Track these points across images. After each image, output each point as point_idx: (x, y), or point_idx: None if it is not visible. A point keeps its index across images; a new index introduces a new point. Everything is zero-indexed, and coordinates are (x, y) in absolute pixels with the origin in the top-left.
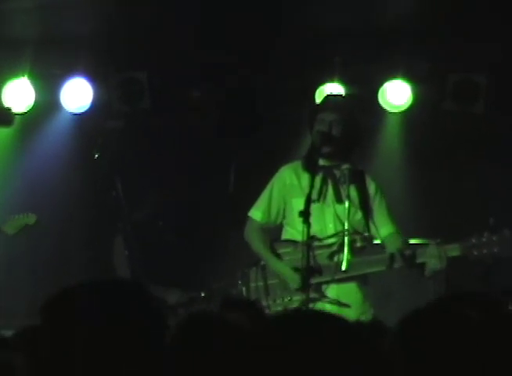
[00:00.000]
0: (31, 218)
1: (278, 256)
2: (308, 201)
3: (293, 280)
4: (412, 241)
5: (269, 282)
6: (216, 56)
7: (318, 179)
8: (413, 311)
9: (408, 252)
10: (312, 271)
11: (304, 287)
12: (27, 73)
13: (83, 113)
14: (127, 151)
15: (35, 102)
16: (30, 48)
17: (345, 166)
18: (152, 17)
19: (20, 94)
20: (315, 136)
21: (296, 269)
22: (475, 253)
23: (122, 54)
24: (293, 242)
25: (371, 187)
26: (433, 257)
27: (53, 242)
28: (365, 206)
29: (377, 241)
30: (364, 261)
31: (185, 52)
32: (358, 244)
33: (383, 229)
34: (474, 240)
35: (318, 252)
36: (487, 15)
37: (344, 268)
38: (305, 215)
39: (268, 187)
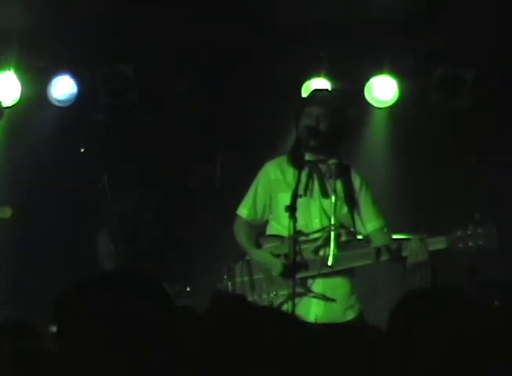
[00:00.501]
0: (7, 212)
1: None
2: (295, 196)
3: (276, 266)
4: (396, 236)
5: (255, 277)
6: (203, 50)
7: (304, 174)
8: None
9: (394, 246)
10: (298, 266)
11: (288, 275)
12: (13, 66)
13: (69, 106)
14: (113, 145)
15: (21, 95)
16: (16, 41)
17: (332, 161)
18: (139, 11)
19: (6, 87)
20: (302, 130)
21: (277, 255)
22: (461, 245)
23: (108, 47)
24: (279, 237)
25: (356, 182)
26: (414, 250)
27: (38, 235)
28: (350, 200)
29: (361, 237)
30: (350, 255)
31: (171, 46)
32: (344, 238)
33: (370, 224)
34: (459, 233)
35: (303, 247)
36: (473, 9)
37: (330, 263)
38: (292, 209)
39: (254, 184)
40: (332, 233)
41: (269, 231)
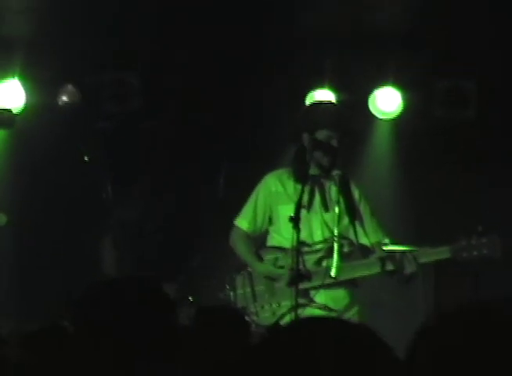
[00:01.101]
0: (1, 219)
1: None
2: (299, 207)
3: (282, 276)
4: (396, 248)
5: (256, 288)
6: (206, 60)
7: (306, 187)
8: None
9: (398, 257)
10: (302, 277)
11: (294, 283)
12: (18, 74)
13: (73, 114)
14: (117, 153)
15: (26, 103)
16: (21, 49)
17: (336, 172)
18: (143, 18)
19: (11, 95)
20: (312, 144)
21: (280, 267)
22: (464, 255)
23: (112, 55)
24: (280, 248)
25: (355, 193)
26: (405, 263)
27: (41, 243)
28: (352, 212)
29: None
30: (353, 265)
31: (175, 53)
32: (346, 249)
33: (371, 237)
34: (463, 243)
35: (306, 258)
36: (476, 22)
37: (333, 274)
38: (295, 220)
39: (253, 196)
40: (335, 244)
41: (270, 242)
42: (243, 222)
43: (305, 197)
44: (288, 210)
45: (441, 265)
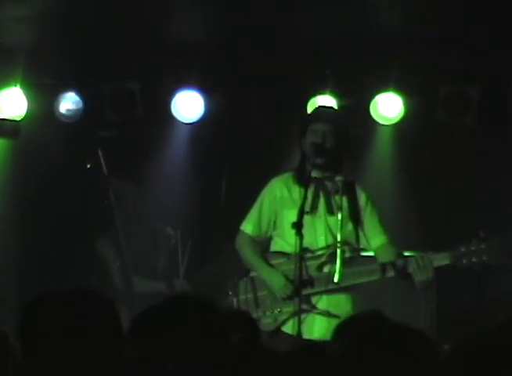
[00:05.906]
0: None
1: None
2: (301, 213)
3: (282, 289)
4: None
5: (259, 294)
6: (208, 66)
7: (309, 191)
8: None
9: (400, 262)
10: (304, 283)
11: (293, 298)
12: (20, 82)
13: (75, 122)
14: (119, 161)
15: (27, 111)
16: (23, 57)
17: (338, 177)
18: (144, 27)
19: (13, 103)
20: (309, 147)
21: (290, 280)
22: (464, 261)
23: (114, 64)
24: (284, 254)
25: (362, 198)
26: (419, 268)
27: (44, 248)
28: (356, 217)
29: (366, 253)
30: (355, 271)
31: (177, 62)
32: (348, 255)
33: (375, 240)
34: (463, 249)
35: (308, 263)
36: (477, 27)
37: (336, 279)
38: (298, 226)
39: (259, 200)
40: (338, 250)
41: (274, 247)
42: (248, 227)
43: (309, 201)
44: (292, 215)
45: (443, 268)
